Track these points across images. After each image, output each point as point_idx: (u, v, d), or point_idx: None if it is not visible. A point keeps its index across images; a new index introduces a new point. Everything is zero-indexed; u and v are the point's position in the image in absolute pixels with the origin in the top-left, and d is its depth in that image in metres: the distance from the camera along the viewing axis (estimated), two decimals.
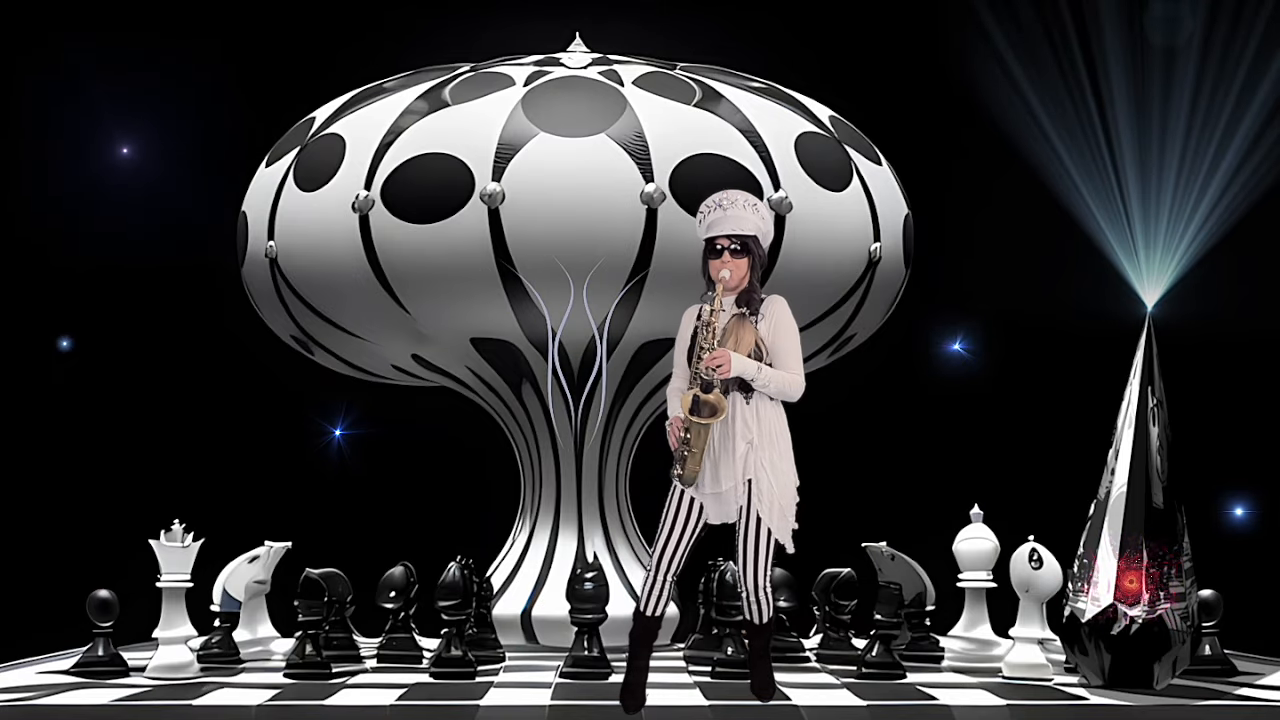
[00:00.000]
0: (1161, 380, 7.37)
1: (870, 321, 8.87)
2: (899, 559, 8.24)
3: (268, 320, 8.94)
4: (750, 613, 6.25)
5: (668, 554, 6.18)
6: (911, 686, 7.32)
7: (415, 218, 8.01)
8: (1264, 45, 7.75)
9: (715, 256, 6.24)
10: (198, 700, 6.82)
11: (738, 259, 6.22)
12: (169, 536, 7.60)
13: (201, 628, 7.90)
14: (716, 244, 6.24)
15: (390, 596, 7.99)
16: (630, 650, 6.27)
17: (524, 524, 8.92)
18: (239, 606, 8.16)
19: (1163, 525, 7.19)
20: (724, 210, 6.26)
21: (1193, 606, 7.21)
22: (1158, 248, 7.53)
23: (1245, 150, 7.62)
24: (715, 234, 6.23)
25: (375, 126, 8.25)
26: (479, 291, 8.06)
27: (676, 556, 6.18)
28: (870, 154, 8.74)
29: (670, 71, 8.59)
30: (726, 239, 6.24)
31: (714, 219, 6.26)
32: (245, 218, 8.72)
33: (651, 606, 6.20)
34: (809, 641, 8.41)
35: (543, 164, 7.95)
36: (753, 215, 6.26)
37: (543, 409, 8.61)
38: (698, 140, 8.05)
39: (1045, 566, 7.49)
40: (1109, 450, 7.37)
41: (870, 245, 8.47)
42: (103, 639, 7.60)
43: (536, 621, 8.51)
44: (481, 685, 7.21)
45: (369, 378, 9.28)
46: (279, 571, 8.18)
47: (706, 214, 6.30)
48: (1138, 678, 7.10)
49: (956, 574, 8.05)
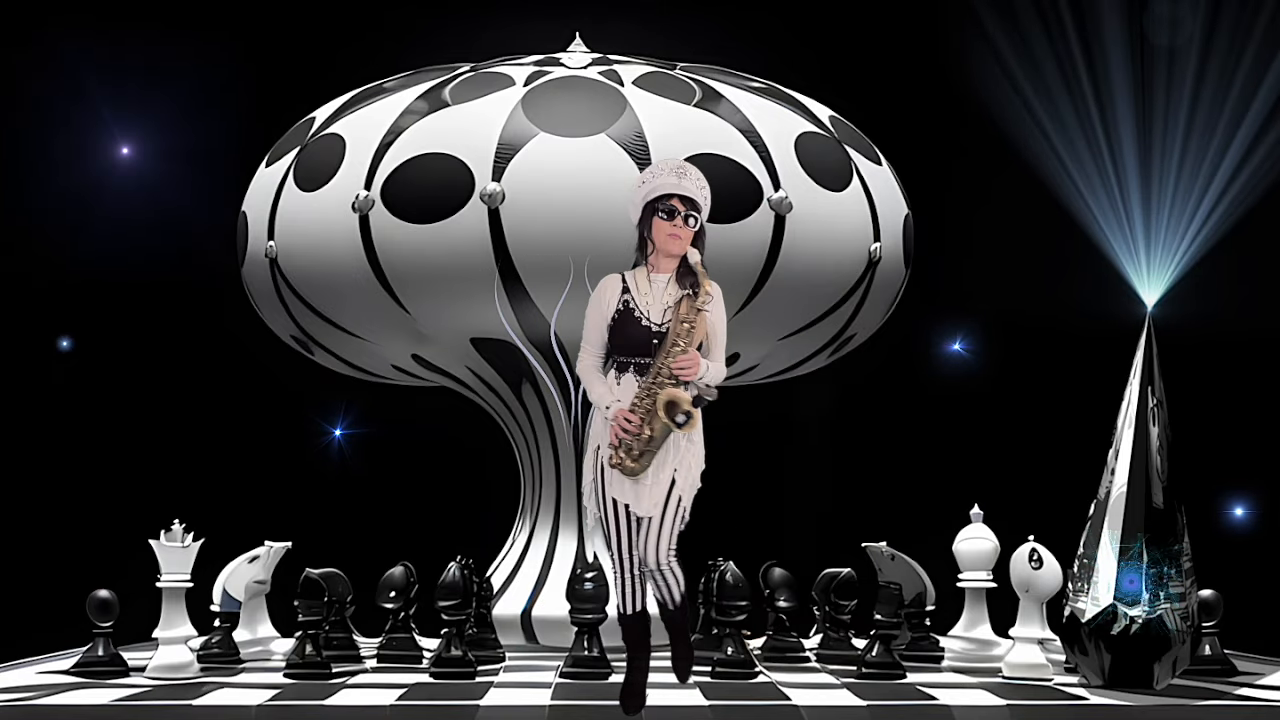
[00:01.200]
0: (1161, 380, 7.37)
1: (870, 321, 8.87)
2: (899, 559, 8.24)
3: (268, 320, 8.94)
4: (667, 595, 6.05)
5: (624, 549, 6.03)
6: (911, 686, 7.32)
7: (415, 218, 8.01)
8: (1264, 45, 7.75)
9: (667, 218, 5.98)
10: (198, 700, 6.82)
11: (688, 227, 6.00)
12: (169, 536, 7.60)
13: (201, 628, 7.90)
14: (670, 205, 5.97)
15: (390, 596, 7.99)
16: (628, 651, 6.23)
17: (524, 524, 8.92)
18: (239, 606, 8.16)
19: (1163, 525, 7.19)
20: (680, 176, 5.99)
21: (1193, 606, 7.21)
22: (1158, 248, 7.53)
23: (1245, 150, 7.62)
24: (669, 193, 5.95)
25: (375, 126, 8.25)
26: (479, 291, 8.06)
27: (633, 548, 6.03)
28: (870, 154, 8.74)
29: (670, 71, 8.59)
30: (680, 201, 5.98)
31: (665, 181, 5.98)
32: (245, 218, 8.72)
33: (630, 605, 6.10)
34: (809, 641, 8.41)
35: (543, 164, 7.95)
36: (701, 191, 6.02)
37: (543, 409, 8.62)
38: (698, 140, 8.04)
39: (1045, 566, 7.49)
40: (1109, 450, 7.36)
41: (870, 245, 8.47)
42: (103, 639, 7.60)
43: (536, 621, 8.51)
44: (481, 685, 7.21)
45: (369, 378, 9.27)
46: (279, 571, 8.18)
47: (660, 174, 6.02)
48: (1138, 678, 7.10)
49: (956, 574, 8.05)
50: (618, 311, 6.03)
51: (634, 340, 6.02)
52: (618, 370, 6.06)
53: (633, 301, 6.05)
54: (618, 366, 6.07)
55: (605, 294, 6.06)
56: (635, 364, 6.03)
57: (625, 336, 6.02)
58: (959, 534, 8.00)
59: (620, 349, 6.05)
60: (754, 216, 7.96)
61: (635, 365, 6.03)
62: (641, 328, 6.02)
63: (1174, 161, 7.61)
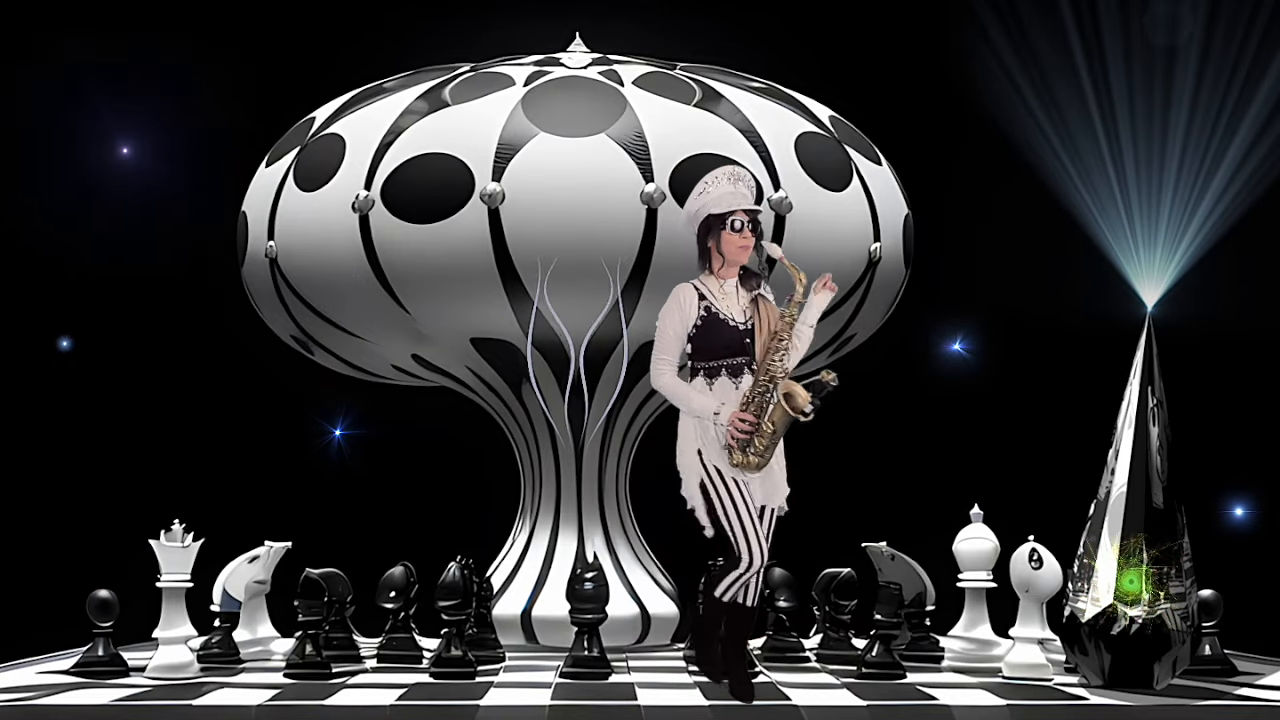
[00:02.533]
0: (1161, 380, 7.37)
1: (870, 321, 8.87)
2: (899, 559, 8.24)
3: (268, 320, 8.94)
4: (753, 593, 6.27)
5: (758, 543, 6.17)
6: (911, 686, 7.32)
7: (415, 218, 8.01)
8: (1264, 45, 7.75)
9: (737, 232, 6.12)
10: (198, 700, 6.82)
11: (753, 237, 6.14)
12: (169, 536, 7.59)
13: (201, 628, 7.90)
14: (738, 218, 6.11)
15: (390, 596, 7.98)
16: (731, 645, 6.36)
17: (524, 524, 8.92)
18: (239, 606, 8.15)
19: (1163, 525, 7.19)
20: (736, 186, 6.13)
21: (1193, 606, 7.20)
22: (1158, 248, 7.53)
23: (1245, 150, 7.61)
24: (736, 207, 6.09)
25: (375, 126, 8.25)
26: (479, 291, 8.06)
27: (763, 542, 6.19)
28: (870, 154, 8.74)
29: (670, 71, 8.59)
30: (748, 215, 6.13)
31: (727, 193, 6.12)
32: (245, 218, 8.72)
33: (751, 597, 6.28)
34: (809, 641, 8.41)
35: (543, 164, 7.95)
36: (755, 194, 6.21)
37: (543, 410, 8.62)
38: (698, 140, 8.05)
39: (1045, 566, 7.48)
40: (1109, 450, 7.36)
41: (870, 245, 8.47)
42: (103, 639, 7.60)
43: (536, 621, 8.51)
44: (481, 685, 7.21)
45: (369, 378, 9.28)
46: (279, 571, 8.18)
47: (718, 184, 6.14)
48: (1138, 678, 7.09)
49: (956, 574, 8.05)
50: (700, 318, 6.15)
51: (727, 342, 6.15)
52: (706, 376, 6.18)
53: (714, 306, 6.18)
54: (706, 372, 6.18)
55: (684, 304, 6.17)
56: (728, 366, 6.16)
57: (716, 339, 6.15)
58: (959, 534, 8.00)
59: (709, 354, 6.17)
60: None
61: (728, 368, 6.16)
62: (731, 328, 6.16)
63: (1174, 161, 7.60)
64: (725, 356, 6.16)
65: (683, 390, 6.17)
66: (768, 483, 6.21)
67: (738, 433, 6.08)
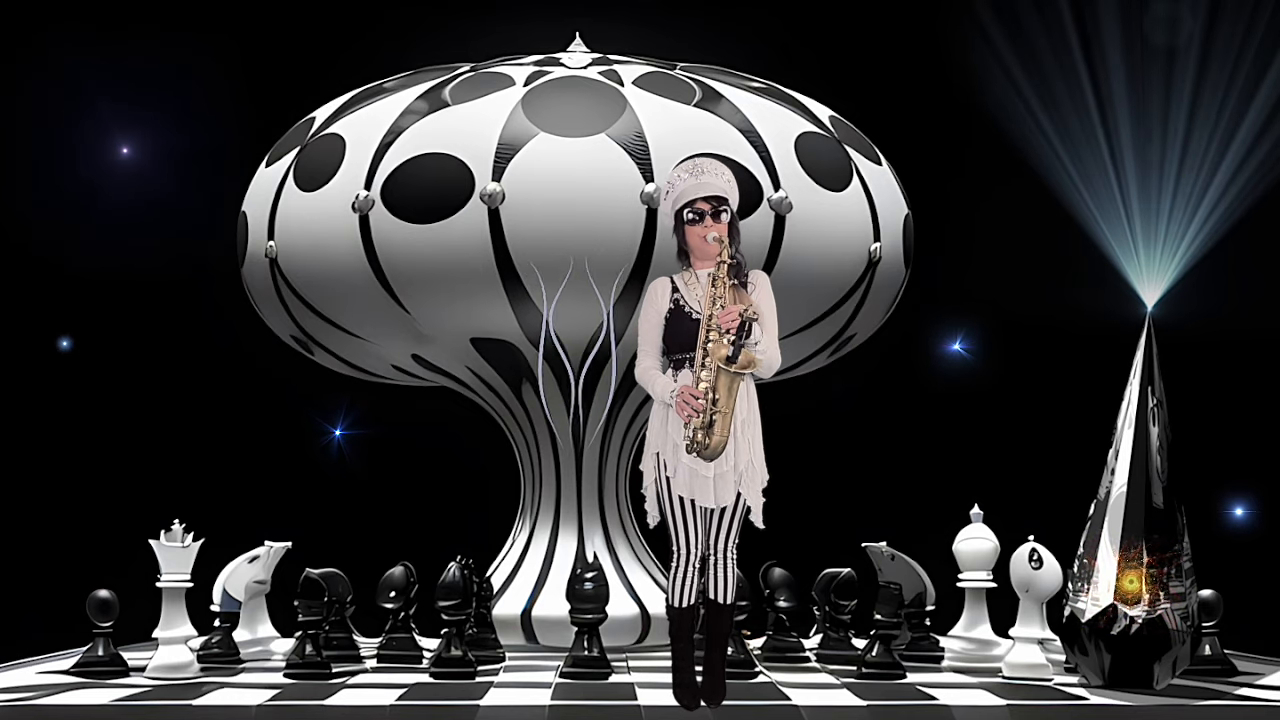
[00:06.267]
0: (1161, 380, 7.37)
1: (870, 321, 8.87)
2: (899, 559, 8.24)
3: (268, 320, 8.94)
4: (718, 590, 6.24)
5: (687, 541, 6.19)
6: (911, 686, 7.32)
7: (415, 218, 8.01)
8: (1264, 45, 7.75)
9: (696, 222, 6.17)
10: (198, 700, 6.82)
11: (718, 222, 6.17)
12: (169, 536, 7.60)
13: (201, 628, 7.90)
14: (695, 208, 6.16)
15: (390, 596, 7.99)
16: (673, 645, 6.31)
17: (524, 524, 8.92)
18: (239, 606, 8.16)
19: (1163, 525, 7.19)
20: (696, 178, 6.19)
21: (1193, 606, 7.21)
22: (1158, 248, 7.53)
23: (1245, 150, 7.62)
24: (692, 198, 6.16)
25: (375, 126, 8.25)
26: (479, 291, 8.06)
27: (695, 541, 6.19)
28: (870, 154, 8.74)
29: (670, 71, 8.59)
30: (704, 202, 6.16)
31: (686, 187, 6.19)
32: (245, 218, 8.72)
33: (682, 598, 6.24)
34: (809, 641, 8.41)
35: (543, 164, 7.95)
36: (723, 182, 6.22)
37: (543, 410, 8.62)
38: (698, 140, 8.04)
39: (1045, 566, 7.49)
40: (1109, 450, 7.36)
41: (870, 245, 8.47)
42: (103, 639, 7.60)
43: (536, 621, 8.51)
44: (481, 685, 7.21)
45: (369, 378, 9.28)
46: (279, 571, 8.18)
47: (678, 180, 6.22)
48: (1138, 678, 7.10)
49: (956, 574, 8.06)
50: (670, 310, 6.21)
51: (687, 334, 6.17)
52: (674, 368, 6.24)
53: (683, 299, 6.23)
54: (674, 365, 6.24)
55: (657, 297, 6.24)
56: (690, 359, 6.18)
57: (678, 332, 6.19)
58: (959, 534, 8.00)
59: (675, 346, 6.22)
60: (754, 216, 7.95)
61: (690, 361, 6.18)
62: (692, 321, 6.17)
63: (1174, 161, 7.61)
64: (686, 350, 6.18)
65: (650, 378, 6.23)
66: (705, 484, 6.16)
67: (688, 407, 6.06)
